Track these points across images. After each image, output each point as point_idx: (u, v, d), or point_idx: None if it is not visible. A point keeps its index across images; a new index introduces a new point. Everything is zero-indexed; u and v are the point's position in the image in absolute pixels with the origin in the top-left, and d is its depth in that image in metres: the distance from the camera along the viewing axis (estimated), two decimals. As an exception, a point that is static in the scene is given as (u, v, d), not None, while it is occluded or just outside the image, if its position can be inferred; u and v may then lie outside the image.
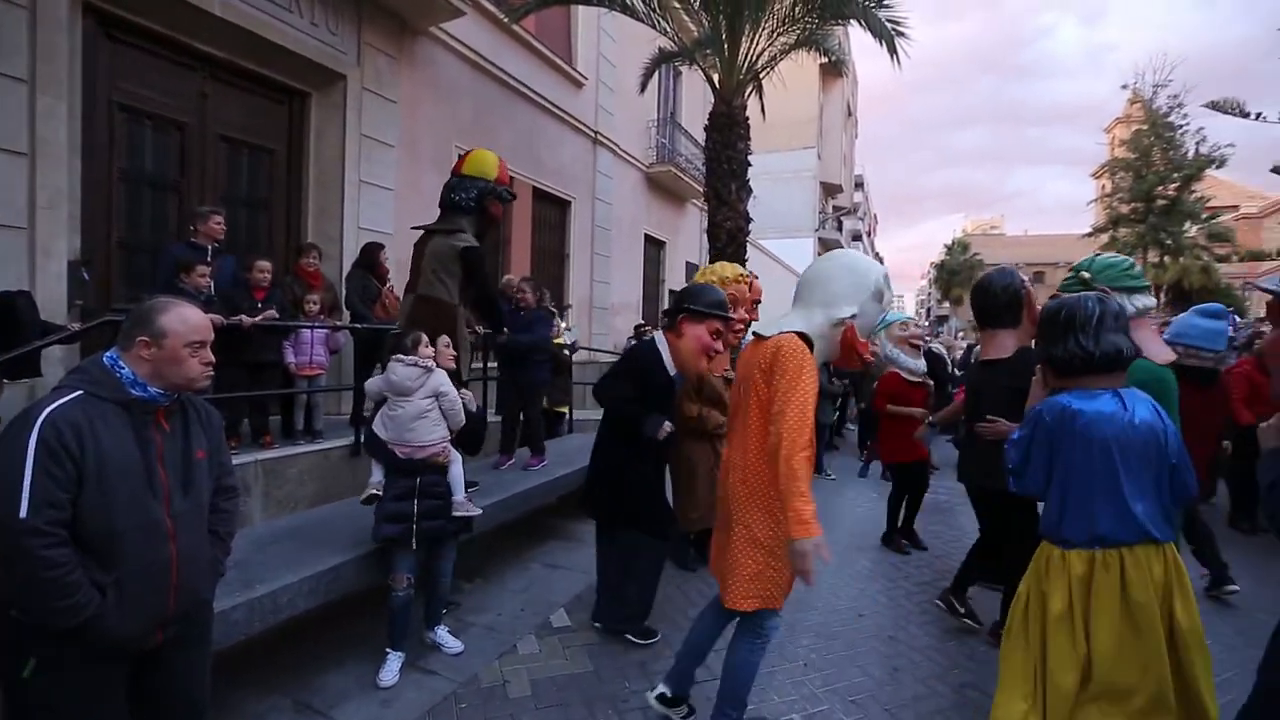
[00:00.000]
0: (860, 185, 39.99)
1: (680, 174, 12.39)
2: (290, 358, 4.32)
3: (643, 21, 7.92)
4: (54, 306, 3.83)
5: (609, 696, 2.55)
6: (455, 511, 2.82)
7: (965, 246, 49.31)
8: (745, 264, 7.42)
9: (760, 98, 8.98)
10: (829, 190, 28.85)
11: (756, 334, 2.10)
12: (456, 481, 2.87)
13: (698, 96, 12.54)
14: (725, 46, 7.60)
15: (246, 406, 4.13)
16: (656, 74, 10.12)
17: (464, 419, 2.90)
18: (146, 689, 1.57)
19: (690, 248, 14.22)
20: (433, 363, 2.83)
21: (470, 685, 2.62)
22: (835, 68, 13.96)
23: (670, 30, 8.37)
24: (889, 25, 7.48)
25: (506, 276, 5.79)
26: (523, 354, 4.45)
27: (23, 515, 1.29)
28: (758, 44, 7.70)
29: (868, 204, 43.63)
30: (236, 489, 1.82)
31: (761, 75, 8.20)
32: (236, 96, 5.28)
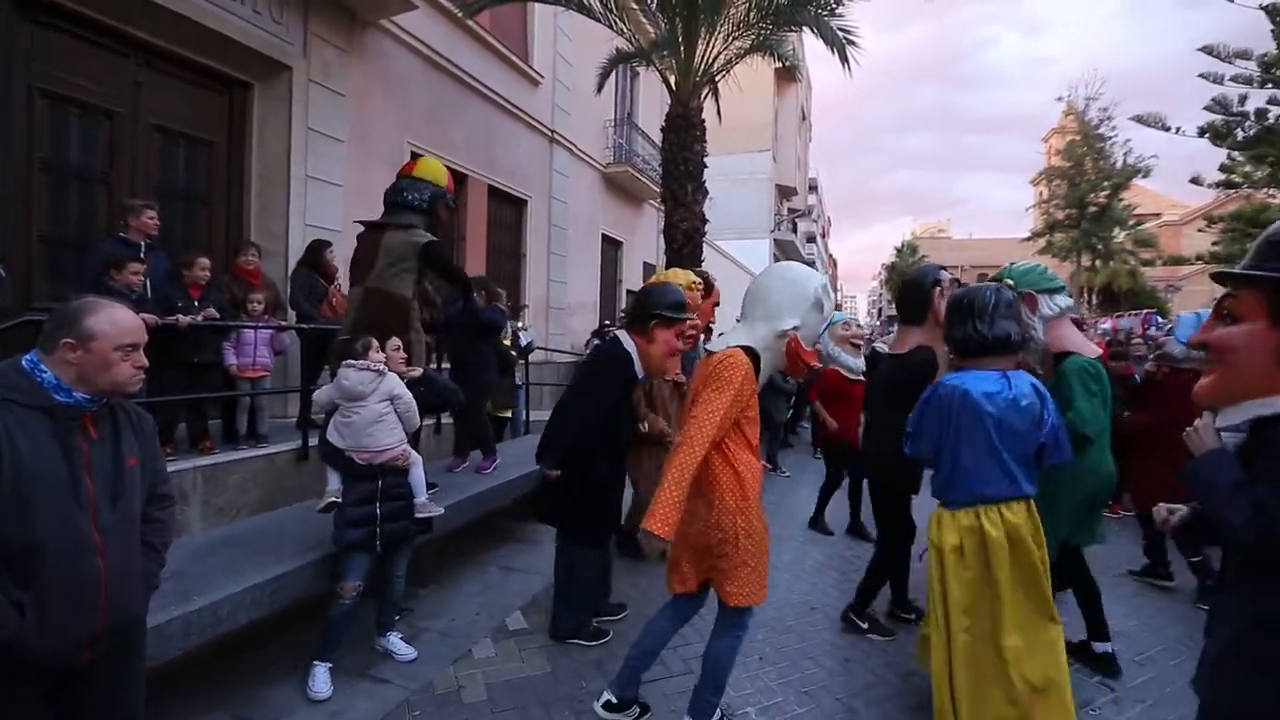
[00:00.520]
0: (814, 188, 40.85)
1: (637, 174, 12.42)
2: (231, 359, 4.15)
3: (599, 21, 7.92)
4: (-34, 305, 3.58)
5: (566, 698, 2.54)
6: (418, 513, 2.80)
7: (914, 249, 51.01)
8: (701, 264, 7.50)
9: (716, 100, 9.09)
10: (784, 193, 29.39)
11: (707, 351, 2.19)
12: (418, 484, 2.84)
13: (655, 98, 12.59)
14: (681, 49, 7.67)
15: (183, 410, 3.94)
16: (614, 74, 10.13)
17: (419, 422, 2.86)
18: (75, 708, 1.48)
19: (647, 248, 14.28)
20: (385, 366, 2.77)
21: (424, 692, 2.57)
22: (789, 73, 14.25)
23: (627, 31, 8.39)
24: (840, 33, 7.68)
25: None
26: (469, 354, 4.37)
27: None
28: (713, 47, 7.80)
29: (821, 206, 44.64)
30: (172, 497, 1.74)
31: (717, 78, 8.31)
32: (172, 85, 5.03)
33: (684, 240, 7.76)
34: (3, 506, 1.29)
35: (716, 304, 4.02)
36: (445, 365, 5.30)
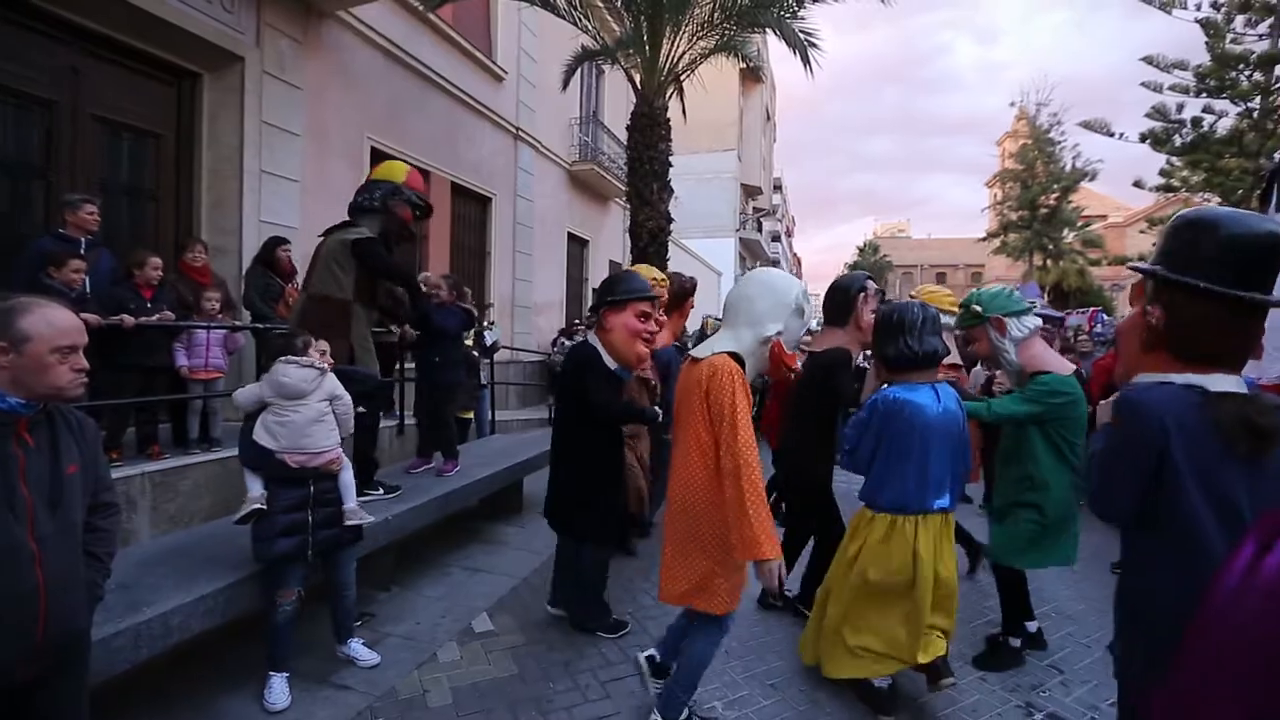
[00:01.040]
0: (779, 188, 41.34)
1: (603, 173, 12.39)
2: (183, 360, 4.00)
3: (564, 18, 7.87)
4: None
5: (533, 698, 2.53)
6: (347, 519, 2.63)
7: (876, 248, 52.22)
8: (667, 263, 7.53)
9: (682, 100, 9.12)
10: (749, 192, 29.68)
11: (692, 357, 2.21)
12: (348, 488, 2.69)
13: (620, 96, 12.58)
14: (647, 47, 7.67)
15: (131, 414, 3.79)
16: (579, 72, 10.06)
17: (354, 426, 2.75)
18: (12, 728, 1.42)
19: (614, 246, 14.26)
20: (327, 364, 2.67)
21: (387, 698, 2.53)
22: (754, 73, 14.40)
23: (592, 28, 8.36)
24: (802, 36, 7.79)
25: (424, 274, 5.59)
26: (434, 355, 4.28)
27: None
28: (678, 47, 7.82)
29: (786, 206, 45.21)
30: (116, 505, 1.67)
31: (682, 77, 8.33)
32: (115, 74, 4.82)
33: (650, 239, 7.77)
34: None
35: (692, 306, 4.03)
36: (409, 365, 5.22)
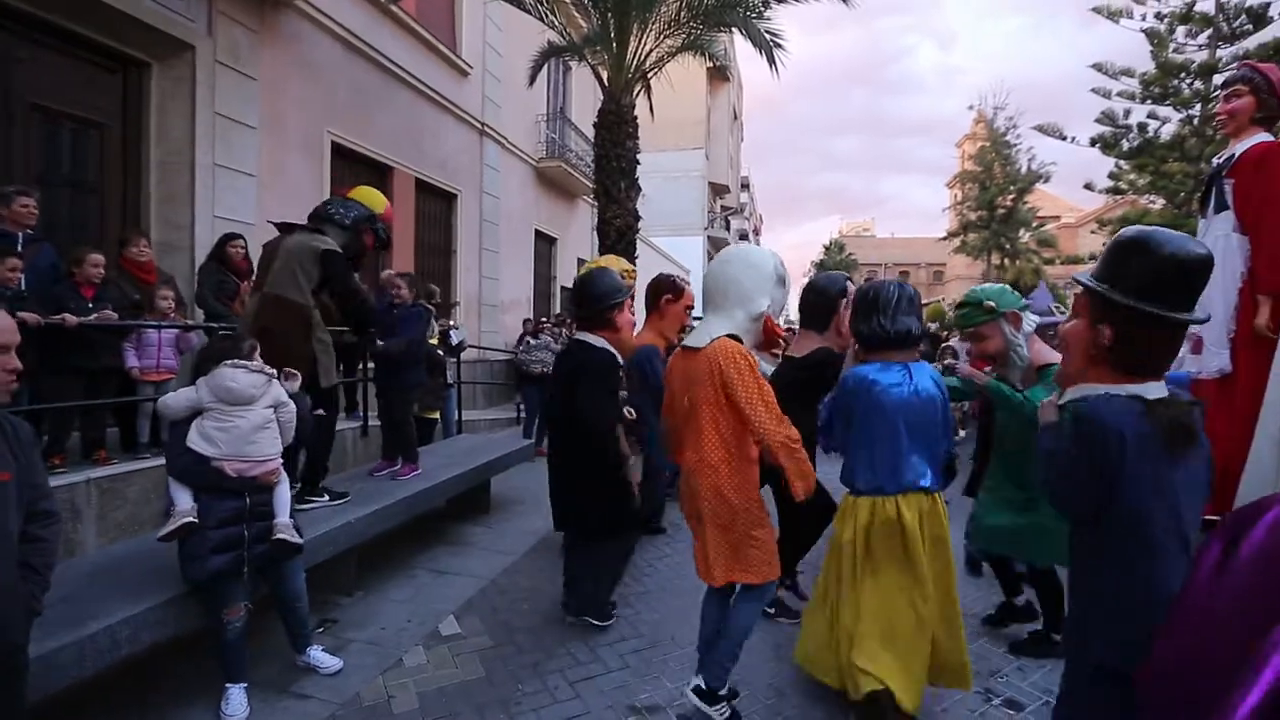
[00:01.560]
0: (746, 186, 41.74)
1: (571, 170, 12.33)
2: (132, 361, 3.84)
3: (529, 13, 7.81)
4: None
5: (501, 701, 2.50)
6: (276, 534, 2.43)
7: (841, 246, 53.10)
8: (635, 261, 7.53)
9: (649, 97, 9.13)
10: (717, 190, 29.89)
11: (686, 346, 2.21)
12: (283, 502, 2.54)
13: (588, 93, 12.52)
14: (614, 44, 7.66)
15: (76, 418, 3.62)
16: (546, 68, 9.99)
17: (294, 436, 2.64)
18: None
19: (582, 244, 14.21)
20: (274, 371, 2.57)
21: (350, 705, 2.47)
22: (721, 72, 14.49)
23: (559, 24, 8.30)
24: (768, 36, 7.87)
25: (385, 272, 5.48)
26: (395, 356, 4.20)
27: None
28: (645, 44, 7.83)
29: (753, 204, 45.67)
30: (56, 514, 1.59)
31: (650, 75, 8.35)
32: (55, 61, 4.60)
33: (617, 237, 7.77)
34: None
35: (689, 306, 3.90)
36: (370, 365, 5.10)
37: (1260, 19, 13.11)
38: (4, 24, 4.27)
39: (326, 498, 3.39)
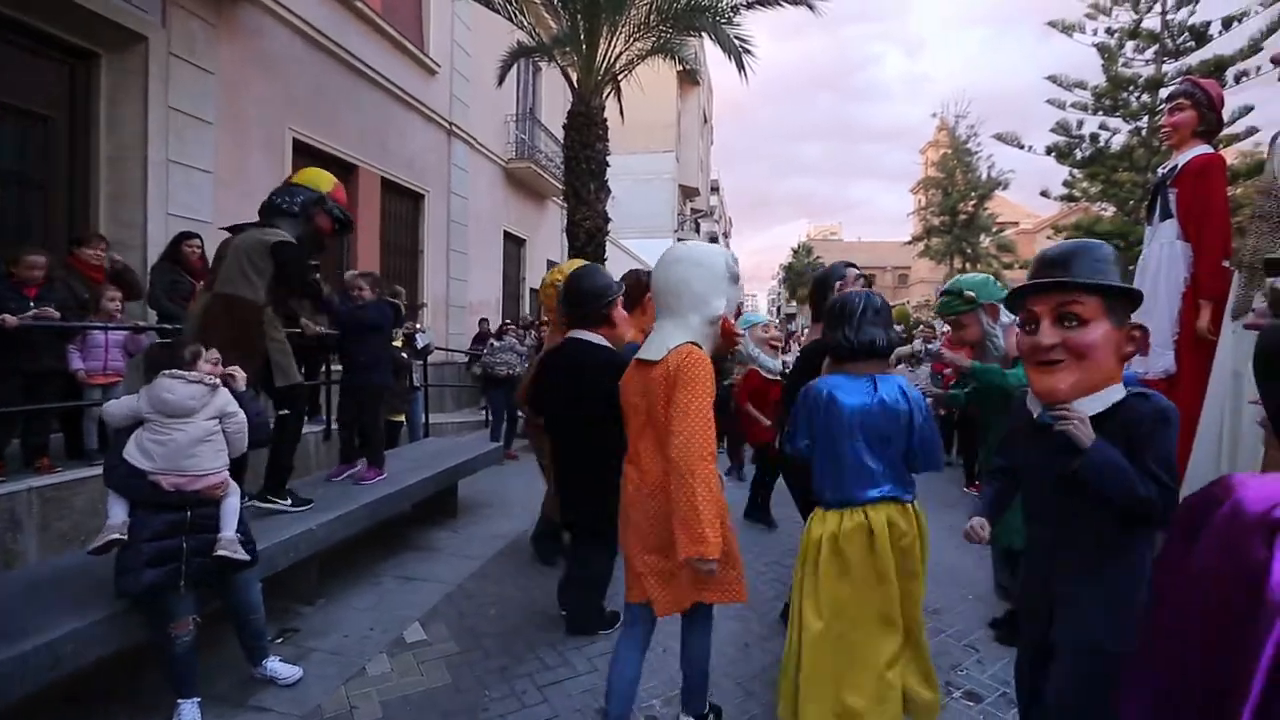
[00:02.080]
0: (716, 189, 42.11)
1: (540, 171, 12.26)
2: (78, 364, 3.68)
3: (498, 13, 7.76)
4: None
5: (468, 708, 2.47)
6: (218, 550, 2.31)
7: (809, 250, 53.91)
8: (605, 263, 7.53)
9: (619, 99, 9.14)
10: (687, 193, 30.07)
11: (642, 359, 2.03)
12: (230, 515, 2.42)
13: (558, 94, 12.49)
14: (583, 46, 7.66)
15: (18, 423, 3.45)
16: (515, 68, 9.92)
17: (246, 446, 2.52)
18: None
19: (552, 246, 14.14)
20: (218, 379, 2.45)
21: (311, 717, 2.40)
22: (691, 76, 14.58)
23: (528, 24, 8.26)
24: (737, 42, 7.95)
25: (348, 273, 5.36)
26: (359, 356, 4.09)
27: None
28: (615, 47, 7.84)
29: (723, 207, 46.11)
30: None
31: (620, 77, 8.36)
32: (-5, 51, 4.39)
33: (587, 239, 7.76)
34: None
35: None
36: (336, 367, 4.99)
37: (1201, 37, 13.76)
38: (-61, 10, 4.08)
39: (289, 502, 3.30)
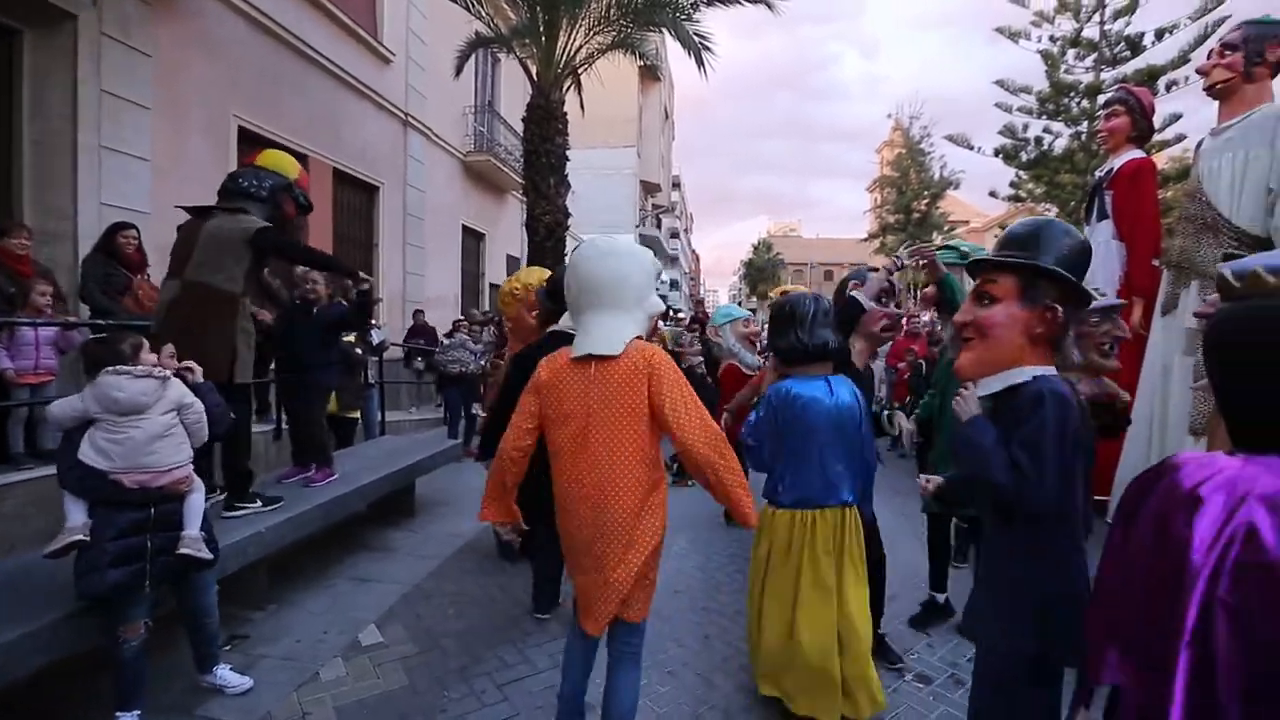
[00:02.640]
0: (677, 185, 42.27)
1: (499, 165, 12.09)
2: (6, 362, 3.48)
3: (455, 1, 7.58)
4: None
5: (425, 709, 2.43)
6: (181, 548, 2.24)
7: (769, 246, 54.75)
8: (565, 258, 7.48)
9: (579, 93, 9.07)
10: (648, 189, 30.11)
11: (593, 354, 1.80)
12: (194, 512, 2.34)
13: (517, 87, 12.31)
14: (543, 38, 7.57)
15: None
16: (474, 59, 9.74)
17: (208, 435, 2.44)
18: None
19: (511, 240, 13.97)
20: (168, 371, 2.35)
21: (261, 726, 2.33)
22: (652, 72, 14.57)
23: (486, 14, 8.11)
24: (697, 38, 7.98)
25: (299, 267, 5.19)
26: (307, 355, 3.94)
27: None
28: (575, 40, 7.77)
29: (684, 203, 46.34)
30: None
31: (580, 71, 8.29)
32: (-96, 25, 4.08)
33: (546, 233, 7.69)
34: None
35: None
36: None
37: (1136, 47, 14.47)
38: None
39: (259, 503, 3.19)
